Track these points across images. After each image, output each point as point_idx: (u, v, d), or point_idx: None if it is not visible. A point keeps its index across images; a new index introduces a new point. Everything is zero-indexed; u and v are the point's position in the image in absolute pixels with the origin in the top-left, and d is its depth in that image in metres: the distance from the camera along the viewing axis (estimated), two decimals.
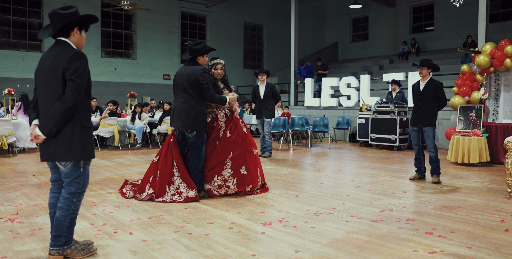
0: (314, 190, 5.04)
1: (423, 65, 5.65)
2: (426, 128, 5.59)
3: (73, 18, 2.60)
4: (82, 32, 2.71)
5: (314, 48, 20.47)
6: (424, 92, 5.63)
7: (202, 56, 4.55)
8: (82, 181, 2.68)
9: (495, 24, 15.19)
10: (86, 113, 2.66)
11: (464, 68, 9.55)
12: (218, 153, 4.62)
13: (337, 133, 12.25)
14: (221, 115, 4.78)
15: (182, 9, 17.38)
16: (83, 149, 2.61)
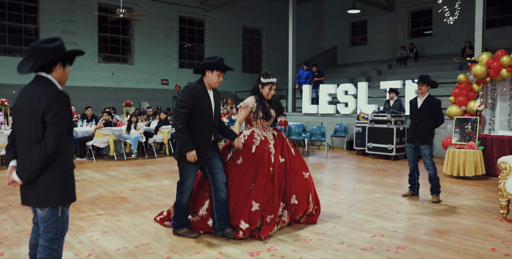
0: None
1: (423, 82, 5.56)
2: (423, 146, 5.52)
3: (57, 55, 2.44)
4: (66, 66, 2.55)
5: (313, 52, 20.42)
6: (422, 109, 5.55)
7: (210, 72, 3.76)
8: (59, 226, 2.51)
9: (493, 30, 15.14)
10: (68, 156, 2.51)
11: (461, 78, 9.50)
12: (279, 186, 4.08)
13: (334, 140, 12.20)
14: (270, 136, 4.25)
15: (180, 13, 17.33)
16: (62, 194, 2.47)
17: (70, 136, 2.52)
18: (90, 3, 14.97)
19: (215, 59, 3.77)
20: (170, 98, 17.03)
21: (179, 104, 3.68)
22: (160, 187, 6.43)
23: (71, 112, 2.48)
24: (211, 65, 3.71)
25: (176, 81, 17.24)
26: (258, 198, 3.93)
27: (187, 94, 3.67)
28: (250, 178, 3.99)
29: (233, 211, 3.94)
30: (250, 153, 4.07)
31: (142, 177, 7.28)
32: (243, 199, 3.95)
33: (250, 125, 4.25)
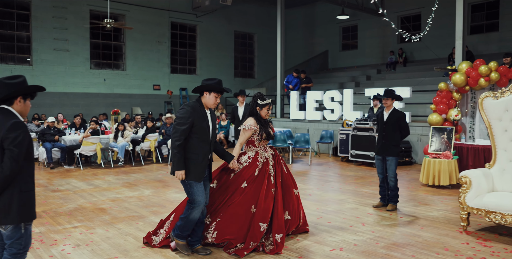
0: None
1: (388, 96, 5.79)
2: (389, 158, 5.72)
3: (17, 89, 2.75)
4: (27, 100, 2.85)
5: (304, 56, 20.59)
6: (388, 122, 5.78)
7: (208, 93, 3.89)
8: (23, 242, 2.77)
9: (480, 35, 15.34)
10: (27, 178, 2.76)
11: (442, 86, 9.67)
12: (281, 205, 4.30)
13: (320, 146, 12.38)
14: (270, 157, 4.41)
15: (172, 19, 17.51)
16: (22, 212, 2.71)
17: (29, 160, 2.77)
18: (82, 10, 15.15)
19: (213, 81, 3.91)
20: (162, 103, 17.22)
21: (178, 121, 3.75)
22: (140, 197, 6.61)
23: (30, 140, 2.76)
24: (209, 87, 3.85)
25: (168, 87, 17.42)
26: (266, 219, 4.12)
27: (186, 111, 3.76)
28: (252, 201, 4.16)
29: (238, 233, 4.07)
30: (253, 176, 4.24)
31: (125, 187, 7.45)
32: (247, 222, 4.10)
33: (253, 146, 4.38)
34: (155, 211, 5.73)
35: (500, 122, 5.11)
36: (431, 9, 15.71)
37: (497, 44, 14.73)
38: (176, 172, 3.75)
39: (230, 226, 4.10)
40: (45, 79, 14.55)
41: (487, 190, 4.99)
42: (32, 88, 2.84)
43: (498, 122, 5.13)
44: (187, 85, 17.92)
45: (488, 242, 4.45)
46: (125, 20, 16.29)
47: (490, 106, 5.18)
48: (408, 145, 10.17)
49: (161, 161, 10.57)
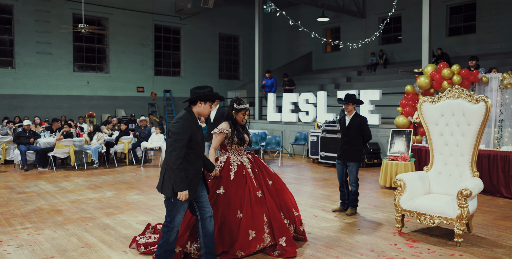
0: None
1: (348, 101, 5.80)
2: (351, 163, 5.75)
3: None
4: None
5: (289, 58, 20.78)
6: (350, 127, 5.78)
7: (204, 103, 3.64)
8: None
9: (457, 37, 15.52)
10: None
11: (408, 89, 9.87)
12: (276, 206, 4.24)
13: (295, 148, 12.55)
14: (245, 161, 4.36)
15: (156, 22, 17.68)
16: None
17: None
18: (64, 14, 15.32)
19: (206, 89, 3.66)
20: (146, 105, 17.39)
21: (175, 137, 3.44)
22: (100, 199, 6.78)
23: None
24: (206, 97, 3.60)
25: (152, 89, 17.59)
26: (254, 226, 4.00)
27: (182, 126, 3.46)
28: (236, 207, 4.04)
29: (228, 241, 3.99)
30: (229, 180, 4.13)
31: (90, 188, 7.63)
32: (235, 229, 3.99)
33: (225, 150, 4.34)
34: (109, 212, 5.91)
35: (437, 126, 5.29)
36: (411, 11, 15.92)
37: (474, 45, 14.91)
38: (179, 194, 3.44)
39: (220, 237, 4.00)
40: (28, 82, 14.73)
41: (423, 192, 5.17)
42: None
43: (435, 126, 5.31)
44: (171, 87, 18.10)
45: (416, 243, 4.62)
46: (109, 24, 16.47)
47: (428, 110, 5.35)
48: (377, 147, 10.34)
49: (135, 163, 10.74)
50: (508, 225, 5.31)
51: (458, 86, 5.16)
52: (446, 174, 5.18)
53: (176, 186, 3.42)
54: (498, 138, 8.23)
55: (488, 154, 7.17)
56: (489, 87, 8.64)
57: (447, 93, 5.22)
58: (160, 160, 10.53)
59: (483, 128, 4.92)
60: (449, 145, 5.18)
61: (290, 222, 4.37)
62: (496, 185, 7.04)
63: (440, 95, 5.28)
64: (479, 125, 4.90)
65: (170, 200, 3.57)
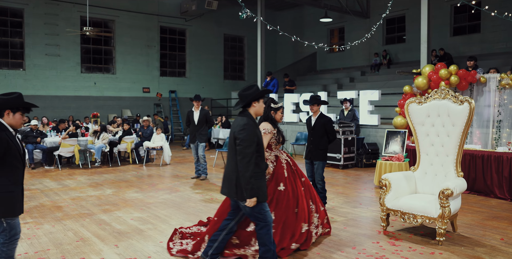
0: None
1: (313, 103, 6.01)
2: (316, 162, 5.99)
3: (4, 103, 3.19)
4: (17, 114, 3.23)
5: (293, 58, 20.89)
6: (315, 127, 6.03)
7: (257, 102, 3.67)
8: (8, 234, 3.19)
9: (462, 37, 15.47)
10: (6, 181, 3.15)
11: (406, 89, 9.92)
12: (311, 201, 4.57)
13: (296, 148, 12.69)
14: (288, 159, 4.61)
15: (161, 24, 17.93)
16: (2, 209, 3.12)
17: (10, 166, 3.17)
18: (72, 17, 15.64)
19: (253, 88, 3.68)
20: (152, 106, 17.65)
21: (245, 144, 3.43)
22: (99, 196, 7.01)
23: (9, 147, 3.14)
24: (259, 95, 3.65)
25: (157, 89, 17.86)
26: (306, 219, 4.35)
27: (251, 132, 3.48)
28: (294, 202, 4.32)
29: (281, 235, 4.16)
30: (284, 177, 4.35)
31: (91, 186, 7.87)
32: (291, 224, 4.23)
33: (270, 149, 4.44)
34: (106, 209, 6.13)
35: (423, 127, 5.39)
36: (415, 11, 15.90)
37: (479, 45, 14.86)
38: (249, 200, 3.47)
39: (283, 233, 4.16)
40: (37, 83, 15.10)
41: (409, 192, 5.28)
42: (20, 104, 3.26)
43: (421, 127, 5.41)
44: (176, 88, 18.34)
45: (399, 241, 4.73)
46: (115, 26, 16.77)
47: (414, 111, 5.46)
48: (376, 147, 10.42)
49: (138, 162, 10.99)
50: (495, 225, 5.37)
51: (444, 87, 5.26)
52: (432, 174, 5.28)
53: (246, 193, 3.46)
54: (496, 138, 8.25)
55: (482, 154, 7.22)
56: (487, 87, 8.64)
57: (433, 94, 5.32)
58: (162, 159, 10.75)
59: (467, 129, 5.01)
60: (434, 146, 5.28)
61: (319, 216, 4.66)
62: (490, 185, 7.08)
63: (427, 96, 5.38)
64: (463, 125, 5.00)
65: (257, 205, 3.60)
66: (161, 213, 5.88)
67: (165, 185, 8.06)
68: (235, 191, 3.56)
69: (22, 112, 3.27)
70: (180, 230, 4.61)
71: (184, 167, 10.24)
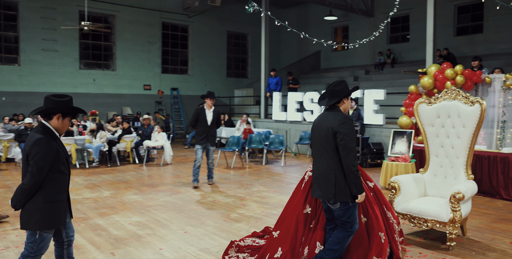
0: (213, 225, 5.31)
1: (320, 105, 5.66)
2: None
3: (58, 106, 2.98)
4: (66, 119, 3.05)
5: (298, 56, 20.67)
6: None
7: (347, 99, 3.60)
8: (35, 246, 2.99)
9: (465, 37, 15.25)
10: (53, 189, 2.94)
11: (412, 89, 9.71)
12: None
13: (300, 147, 12.49)
14: None
15: (163, 20, 17.71)
16: (41, 222, 2.92)
17: (57, 172, 2.96)
18: (71, 11, 15.41)
19: (342, 84, 3.58)
20: (153, 103, 17.44)
21: (348, 138, 3.33)
22: (96, 199, 6.80)
23: (56, 154, 2.93)
24: (351, 92, 3.60)
25: (159, 86, 17.65)
26: (382, 227, 3.86)
27: (352, 126, 3.40)
28: (358, 211, 3.85)
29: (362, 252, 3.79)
30: None
31: (88, 188, 7.66)
32: (360, 235, 3.81)
33: None
34: (103, 212, 5.92)
35: (433, 128, 5.18)
36: (419, 11, 15.67)
37: (482, 45, 14.63)
38: (360, 196, 3.39)
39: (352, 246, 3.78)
40: (33, 79, 14.85)
41: (418, 195, 5.08)
42: (73, 109, 3.07)
43: (431, 128, 5.21)
44: (178, 85, 18.13)
45: (409, 246, 4.54)
46: (116, 21, 16.55)
47: (424, 112, 5.25)
48: (381, 147, 10.22)
49: (138, 162, 10.79)
50: (504, 228, 5.21)
51: (455, 88, 5.05)
52: (442, 176, 5.08)
53: (356, 188, 3.36)
54: (500, 139, 8.06)
55: (488, 155, 7.03)
56: (492, 87, 8.48)
57: (443, 95, 5.11)
58: (163, 159, 10.55)
59: (478, 130, 4.80)
60: (444, 147, 5.08)
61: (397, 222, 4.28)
62: (496, 187, 6.92)
63: (437, 97, 5.17)
64: (474, 127, 4.79)
65: (348, 205, 3.46)
66: (161, 217, 5.67)
67: (165, 186, 7.85)
68: (334, 191, 3.40)
69: (72, 117, 3.15)
70: (236, 243, 4.27)
71: (185, 167, 10.04)
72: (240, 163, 10.66)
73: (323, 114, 3.61)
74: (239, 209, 6.13)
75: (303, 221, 3.92)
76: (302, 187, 4.10)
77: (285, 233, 3.91)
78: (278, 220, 4.14)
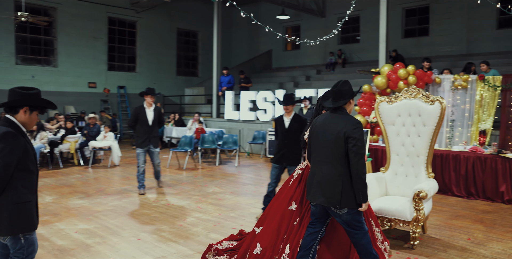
0: (169, 230, 4.96)
1: (289, 103, 5.40)
2: (292, 167, 5.40)
3: (25, 99, 2.71)
4: (34, 113, 2.77)
5: (249, 55, 20.52)
6: (290, 130, 5.40)
7: (352, 100, 3.48)
8: (25, 251, 2.71)
9: (412, 39, 15.81)
10: (21, 189, 2.63)
11: (366, 88, 9.83)
12: None
13: (253, 147, 12.31)
14: None
15: (110, 14, 16.86)
16: (16, 224, 2.62)
17: (25, 171, 2.65)
18: (5, 1, 14.21)
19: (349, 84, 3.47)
20: (98, 102, 16.54)
21: (361, 144, 3.19)
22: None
23: (25, 150, 2.64)
24: (357, 92, 3.51)
25: (105, 84, 16.78)
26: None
27: (362, 131, 3.26)
28: None
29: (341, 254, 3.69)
30: None
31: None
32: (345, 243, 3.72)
33: None
34: (45, 220, 5.37)
35: (393, 127, 5.16)
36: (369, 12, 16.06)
37: (427, 48, 15.22)
38: (364, 205, 3.25)
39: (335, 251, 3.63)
40: None
41: (379, 194, 5.03)
42: (42, 101, 2.79)
43: (392, 127, 5.18)
44: (125, 83, 17.35)
45: None
46: (57, 14, 15.52)
47: (385, 110, 5.22)
48: None
49: (83, 164, 10.10)
50: (459, 225, 5.31)
51: (415, 86, 5.06)
52: (403, 175, 5.07)
53: (363, 197, 3.20)
54: (449, 137, 8.33)
55: (441, 153, 7.21)
56: (442, 88, 8.79)
57: (403, 93, 5.11)
58: (110, 160, 9.94)
59: (438, 129, 4.83)
60: (405, 146, 5.07)
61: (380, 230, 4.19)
62: (448, 184, 7.11)
63: (397, 95, 5.16)
64: (435, 125, 4.82)
65: (354, 211, 3.27)
66: (111, 223, 5.23)
67: (114, 189, 7.34)
68: (339, 198, 3.20)
69: (40, 112, 2.84)
70: (215, 247, 4.05)
71: (135, 169, 9.45)
72: (193, 164, 10.29)
73: (328, 116, 3.39)
74: (195, 212, 5.81)
75: (287, 218, 3.77)
76: (290, 184, 3.96)
77: (267, 229, 3.78)
78: (261, 216, 4.01)
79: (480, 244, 4.59)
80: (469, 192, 6.75)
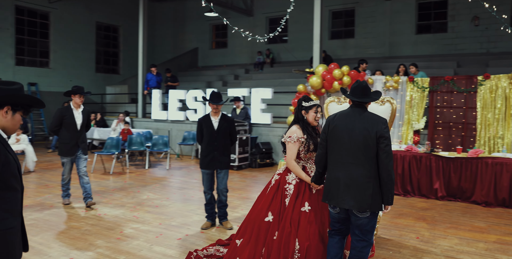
0: (105, 246, 4.37)
1: (220, 102, 4.94)
2: (223, 171, 5.03)
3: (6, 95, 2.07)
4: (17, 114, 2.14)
5: (174, 52, 19.78)
6: (220, 131, 4.96)
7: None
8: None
9: (339, 41, 16.32)
10: (2, 213, 1.99)
11: (300, 88, 9.82)
12: None
13: (183, 148, 11.78)
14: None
15: (17, 3, 15.15)
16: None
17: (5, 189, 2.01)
18: None
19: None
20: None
21: (391, 144, 3.08)
22: None
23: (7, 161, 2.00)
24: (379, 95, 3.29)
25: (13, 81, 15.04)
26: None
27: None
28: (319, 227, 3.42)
29: None
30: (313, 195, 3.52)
31: None
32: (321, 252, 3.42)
33: (298, 159, 3.60)
34: None
35: None
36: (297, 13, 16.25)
37: (353, 50, 15.79)
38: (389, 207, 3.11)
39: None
40: None
41: None
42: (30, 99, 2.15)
43: None
44: (37, 80, 15.72)
45: None
46: None
47: (334, 111, 5.09)
48: (269, 146, 10.13)
49: None
50: (405, 224, 5.40)
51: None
52: None
53: (391, 198, 3.02)
54: None
55: None
56: (374, 88, 9.05)
57: None
58: (24, 166, 8.81)
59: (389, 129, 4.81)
60: None
61: None
62: None
63: None
64: None
65: (376, 214, 3.08)
66: (34, 241, 4.49)
67: (32, 199, 6.43)
68: (370, 202, 2.97)
69: (24, 112, 2.19)
70: (195, 254, 3.87)
71: (54, 175, 8.52)
72: (120, 168, 9.52)
73: (351, 114, 3.13)
74: (132, 222, 5.25)
75: (264, 231, 3.49)
76: (267, 192, 3.66)
77: (245, 243, 3.53)
78: (241, 226, 3.71)
79: (428, 242, 4.66)
80: (405, 190, 6.96)
